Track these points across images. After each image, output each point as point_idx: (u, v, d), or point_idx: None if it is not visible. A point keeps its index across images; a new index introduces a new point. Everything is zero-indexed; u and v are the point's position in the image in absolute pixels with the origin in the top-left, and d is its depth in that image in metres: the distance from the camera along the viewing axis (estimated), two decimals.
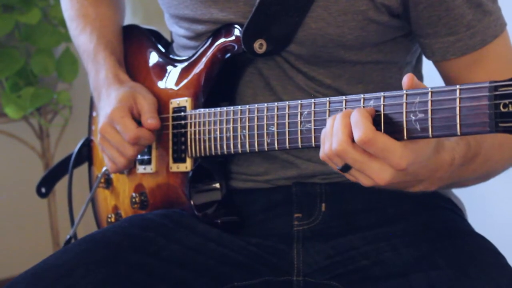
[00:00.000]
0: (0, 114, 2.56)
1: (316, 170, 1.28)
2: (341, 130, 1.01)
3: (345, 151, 1.01)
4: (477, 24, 1.19)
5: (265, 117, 1.17)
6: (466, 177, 1.19)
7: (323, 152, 1.05)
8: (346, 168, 1.03)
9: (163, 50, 1.44)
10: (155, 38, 1.48)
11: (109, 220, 1.48)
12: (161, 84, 1.39)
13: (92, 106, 1.56)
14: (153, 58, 1.44)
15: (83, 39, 1.47)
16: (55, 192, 2.65)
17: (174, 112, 1.34)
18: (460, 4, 1.18)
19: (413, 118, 0.97)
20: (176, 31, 1.38)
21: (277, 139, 1.15)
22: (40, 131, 2.68)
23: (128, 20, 1.57)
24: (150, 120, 1.31)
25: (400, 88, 1.01)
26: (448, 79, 1.27)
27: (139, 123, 1.32)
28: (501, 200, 2.04)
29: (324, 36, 1.22)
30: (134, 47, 1.48)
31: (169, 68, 1.39)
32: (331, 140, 1.02)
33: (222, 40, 1.27)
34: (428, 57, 1.26)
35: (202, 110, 1.28)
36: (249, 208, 1.31)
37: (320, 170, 1.28)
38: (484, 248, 1.19)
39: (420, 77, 1.39)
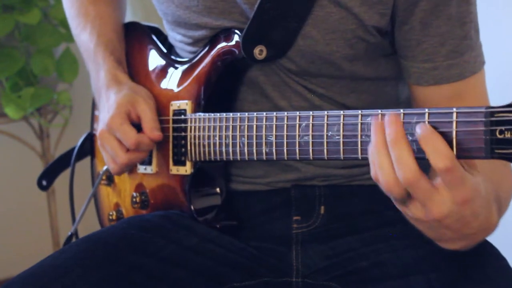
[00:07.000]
0: (0, 114, 2.55)
1: (316, 173, 1.28)
2: (408, 157, 0.92)
3: (417, 180, 0.92)
4: (458, 56, 1.17)
5: (264, 126, 1.15)
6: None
7: (383, 182, 0.95)
8: (407, 198, 0.95)
9: (164, 49, 1.43)
10: (156, 36, 1.46)
11: (111, 217, 1.48)
12: (161, 85, 1.38)
13: (94, 103, 1.56)
14: (154, 57, 1.43)
15: (84, 38, 1.46)
16: (55, 192, 2.65)
17: (174, 114, 1.33)
18: (443, 32, 1.16)
19: (410, 138, 0.94)
20: (174, 36, 1.37)
21: (276, 150, 1.14)
22: (40, 131, 2.68)
23: (128, 20, 1.56)
24: (156, 131, 1.29)
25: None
26: (419, 106, 1.24)
27: (137, 126, 1.30)
28: None
29: (312, 53, 1.21)
30: (134, 45, 1.47)
31: (170, 69, 1.38)
32: (392, 168, 0.93)
33: (222, 44, 1.27)
34: (406, 79, 1.24)
35: (202, 114, 1.27)
36: (248, 210, 1.31)
37: (320, 173, 1.28)
38: (485, 250, 1.18)
39: None
